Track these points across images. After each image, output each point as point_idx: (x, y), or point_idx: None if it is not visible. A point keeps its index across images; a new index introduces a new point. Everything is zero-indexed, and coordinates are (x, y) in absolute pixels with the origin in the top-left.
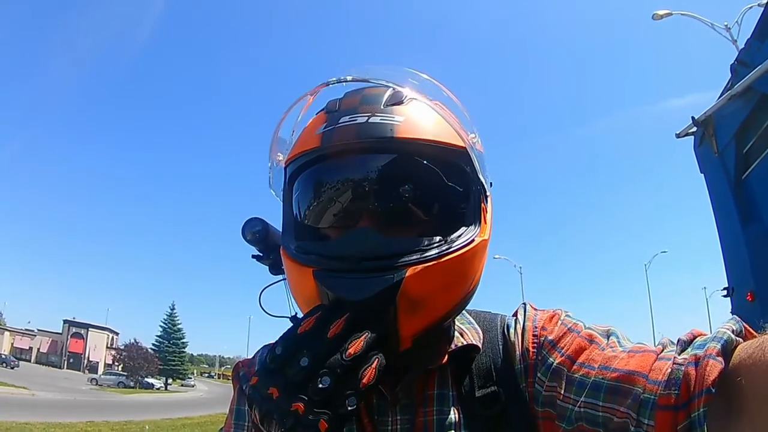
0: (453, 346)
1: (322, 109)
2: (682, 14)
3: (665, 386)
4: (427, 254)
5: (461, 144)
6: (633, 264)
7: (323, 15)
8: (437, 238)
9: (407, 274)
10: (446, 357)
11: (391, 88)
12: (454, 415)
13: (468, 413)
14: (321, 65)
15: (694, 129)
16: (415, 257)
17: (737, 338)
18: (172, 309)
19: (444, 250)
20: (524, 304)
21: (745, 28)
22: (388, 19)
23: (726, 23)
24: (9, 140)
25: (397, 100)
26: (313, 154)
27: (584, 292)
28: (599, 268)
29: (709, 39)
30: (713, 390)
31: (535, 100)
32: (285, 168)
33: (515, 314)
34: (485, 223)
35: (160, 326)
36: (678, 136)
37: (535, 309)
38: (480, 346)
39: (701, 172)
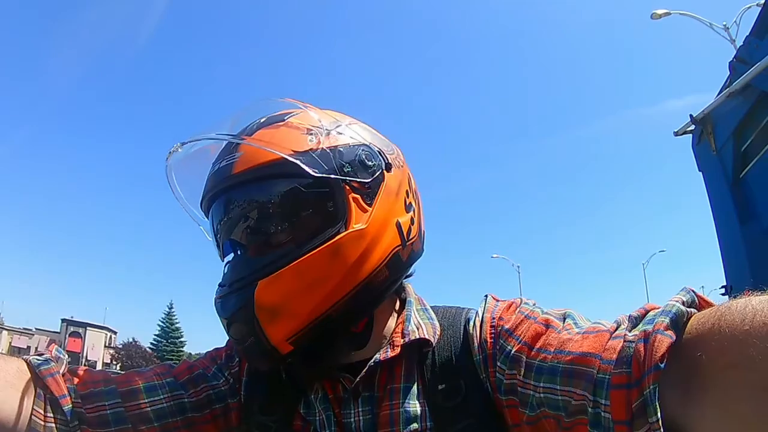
0: (407, 340)
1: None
2: (680, 14)
3: (617, 365)
4: (275, 264)
5: (302, 148)
6: (631, 263)
7: (326, 14)
8: (289, 247)
9: (257, 288)
10: (399, 349)
11: (238, 131)
12: (418, 407)
13: (432, 405)
14: (323, 63)
15: (693, 127)
16: (264, 271)
17: (689, 309)
18: (170, 308)
19: (291, 258)
20: (486, 296)
21: (744, 27)
22: (387, 17)
23: (725, 23)
24: (8, 136)
25: (239, 140)
26: (202, 199)
27: (582, 291)
28: (597, 268)
29: (707, 39)
30: (662, 366)
31: (533, 100)
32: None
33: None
34: (362, 211)
35: (159, 325)
36: (676, 134)
37: (496, 300)
38: (432, 340)
39: (699, 171)
